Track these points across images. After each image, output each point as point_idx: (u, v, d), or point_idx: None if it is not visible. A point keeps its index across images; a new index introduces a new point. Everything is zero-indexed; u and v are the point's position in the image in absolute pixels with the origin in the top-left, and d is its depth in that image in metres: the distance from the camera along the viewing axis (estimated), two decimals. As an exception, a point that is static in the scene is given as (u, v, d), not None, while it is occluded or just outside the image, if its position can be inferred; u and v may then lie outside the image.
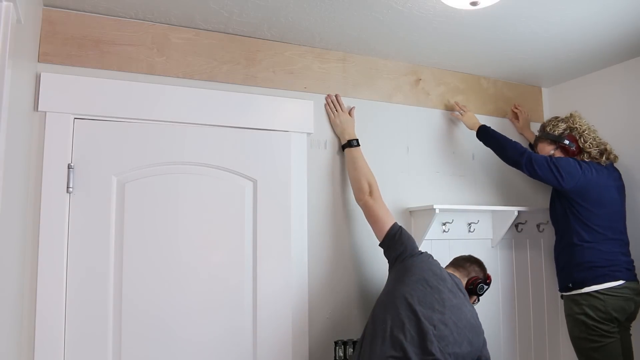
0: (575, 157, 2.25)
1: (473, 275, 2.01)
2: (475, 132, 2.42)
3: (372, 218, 2.04)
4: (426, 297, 1.75)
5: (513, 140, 2.32)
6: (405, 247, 1.93)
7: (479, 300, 2.03)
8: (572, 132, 2.27)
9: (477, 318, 1.81)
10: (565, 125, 2.29)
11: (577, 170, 2.18)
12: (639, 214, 2.36)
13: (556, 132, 2.29)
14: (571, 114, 2.32)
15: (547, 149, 2.31)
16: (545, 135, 2.32)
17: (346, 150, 2.18)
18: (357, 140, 2.17)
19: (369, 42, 2.21)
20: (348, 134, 2.19)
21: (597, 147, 2.24)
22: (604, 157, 2.23)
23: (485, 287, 2.01)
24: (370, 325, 1.79)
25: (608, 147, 2.26)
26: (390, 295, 1.80)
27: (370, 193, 2.06)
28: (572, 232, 2.21)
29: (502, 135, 2.34)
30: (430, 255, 1.94)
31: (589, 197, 2.18)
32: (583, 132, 2.25)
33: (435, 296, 1.76)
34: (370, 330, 1.76)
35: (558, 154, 2.29)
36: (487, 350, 1.81)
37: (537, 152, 2.35)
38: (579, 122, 2.28)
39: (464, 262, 2.06)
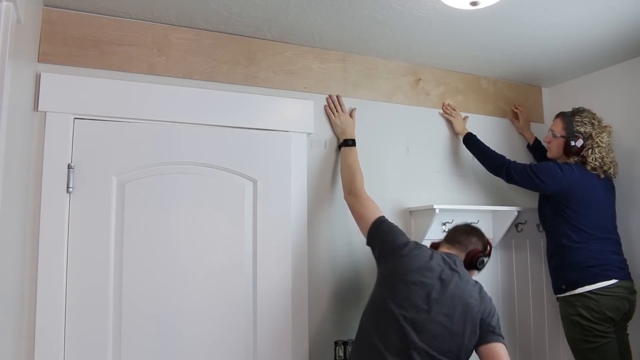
0: (569, 156, 2.24)
1: (471, 249, 1.85)
2: (461, 138, 2.49)
3: (354, 216, 2.00)
4: (409, 297, 1.64)
5: (495, 151, 2.36)
6: (382, 243, 1.82)
7: (479, 271, 1.91)
8: (588, 140, 2.19)
9: (479, 292, 1.69)
10: (589, 131, 2.19)
11: (557, 173, 2.17)
12: (636, 213, 2.36)
13: (577, 127, 2.20)
14: (606, 127, 2.22)
15: (558, 128, 2.27)
16: (568, 118, 2.24)
17: (342, 149, 2.18)
18: (352, 140, 2.17)
19: (369, 42, 2.21)
20: (348, 134, 2.19)
21: (600, 166, 2.18)
22: (600, 172, 2.19)
23: (486, 259, 1.88)
24: (357, 334, 1.74)
25: (612, 170, 2.20)
26: (373, 302, 1.74)
27: (350, 191, 2.04)
28: (560, 234, 2.21)
29: (486, 146, 2.39)
30: (416, 245, 1.79)
31: (573, 197, 2.17)
32: (597, 148, 2.17)
33: (420, 293, 1.64)
34: (356, 339, 1.73)
35: (557, 140, 2.27)
36: (494, 319, 1.66)
37: (552, 122, 2.33)
38: (604, 139, 2.19)
39: (459, 236, 1.89)
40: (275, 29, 2.06)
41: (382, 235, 1.84)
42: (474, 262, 1.84)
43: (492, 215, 2.54)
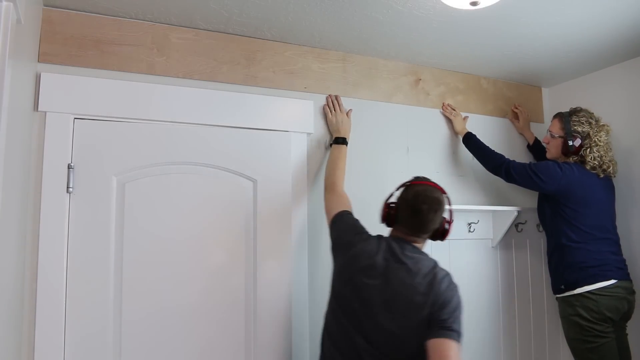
0: (568, 155, 2.24)
1: (437, 228, 1.63)
2: (461, 137, 2.49)
3: (325, 211, 1.95)
4: (353, 304, 1.55)
5: (494, 151, 2.36)
6: (334, 239, 1.74)
7: None
8: (586, 140, 2.19)
9: (429, 284, 1.48)
10: (586, 130, 2.20)
11: (557, 173, 2.18)
12: (635, 214, 2.36)
13: (574, 127, 2.21)
14: (604, 126, 2.22)
15: (556, 128, 2.28)
16: (565, 118, 2.25)
17: (332, 146, 2.16)
18: (343, 138, 2.14)
19: (369, 42, 2.21)
20: (341, 133, 2.16)
21: (599, 165, 2.19)
22: (600, 171, 2.20)
23: (450, 226, 1.67)
24: (320, 343, 1.69)
25: (612, 168, 2.21)
26: (327, 310, 1.68)
27: (326, 187, 2.02)
28: (560, 234, 2.21)
29: (485, 145, 2.39)
30: (361, 239, 1.65)
31: (573, 197, 2.18)
32: (595, 147, 2.18)
33: (364, 297, 1.53)
34: (321, 348, 1.68)
35: (555, 141, 2.28)
36: (444, 312, 1.45)
37: (550, 123, 2.34)
38: (602, 138, 2.19)
39: (423, 225, 1.60)
40: (275, 29, 2.06)
41: (336, 230, 1.76)
42: (444, 238, 1.68)
43: (492, 215, 2.54)
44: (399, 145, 2.40)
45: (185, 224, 1.92)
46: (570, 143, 2.21)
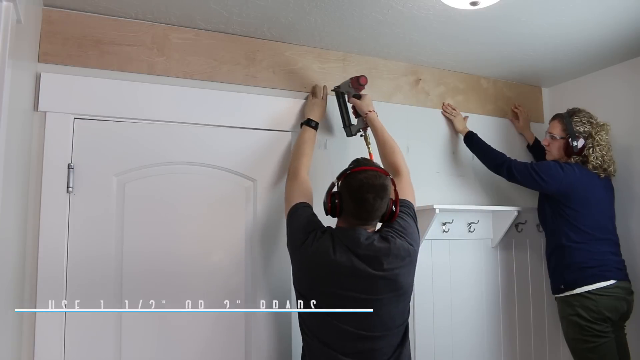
0: (571, 156, 2.24)
1: (384, 212, 1.60)
2: (463, 137, 2.49)
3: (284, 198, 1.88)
4: (328, 303, 1.53)
5: (496, 150, 2.37)
6: (288, 236, 1.69)
7: None
8: (588, 140, 2.20)
9: (397, 254, 1.54)
10: (588, 130, 2.20)
11: (558, 173, 2.18)
12: (635, 214, 2.36)
13: (576, 127, 2.21)
14: (604, 125, 2.23)
15: (557, 130, 2.27)
16: (566, 119, 2.24)
17: (303, 127, 2.07)
18: (317, 123, 2.07)
19: (369, 42, 2.21)
20: (316, 117, 2.09)
21: (601, 164, 2.19)
22: (601, 171, 2.20)
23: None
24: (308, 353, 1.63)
25: (612, 167, 2.22)
26: (315, 318, 1.59)
27: (288, 173, 1.95)
28: (560, 234, 2.21)
29: (486, 144, 2.39)
30: (315, 237, 1.60)
31: (574, 197, 2.18)
32: (598, 146, 2.18)
33: (340, 294, 1.53)
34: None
35: (557, 142, 2.27)
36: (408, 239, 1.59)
37: (549, 125, 2.34)
38: (603, 138, 2.20)
39: (370, 214, 1.58)
40: (275, 29, 2.06)
41: (289, 227, 1.70)
42: (393, 219, 1.65)
43: (492, 215, 2.54)
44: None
45: (185, 224, 1.92)
46: (574, 144, 2.20)
